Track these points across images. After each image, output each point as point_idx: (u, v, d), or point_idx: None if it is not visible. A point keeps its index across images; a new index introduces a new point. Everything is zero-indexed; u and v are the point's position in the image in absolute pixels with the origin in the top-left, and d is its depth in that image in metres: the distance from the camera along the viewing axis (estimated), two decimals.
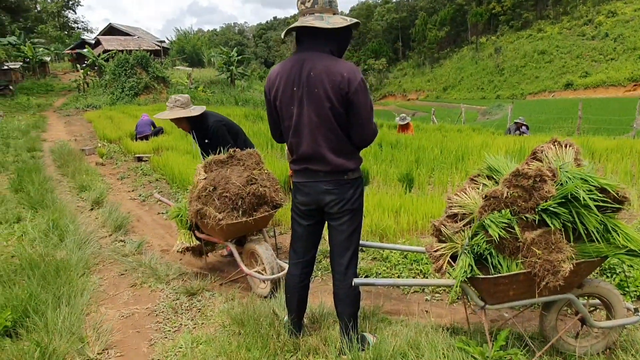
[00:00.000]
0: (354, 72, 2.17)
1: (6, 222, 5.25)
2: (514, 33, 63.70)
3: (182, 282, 3.79)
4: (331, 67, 2.16)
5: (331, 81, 2.14)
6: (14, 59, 32.35)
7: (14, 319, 2.91)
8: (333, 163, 2.27)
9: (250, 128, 11.84)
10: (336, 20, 2.17)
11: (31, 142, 11.96)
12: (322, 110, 2.19)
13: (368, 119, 2.25)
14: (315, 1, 2.20)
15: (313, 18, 2.17)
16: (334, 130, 2.24)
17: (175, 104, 4.00)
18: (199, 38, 62.38)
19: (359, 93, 2.17)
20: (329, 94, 2.16)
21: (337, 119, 2.22)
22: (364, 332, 2.66)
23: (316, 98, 2.18)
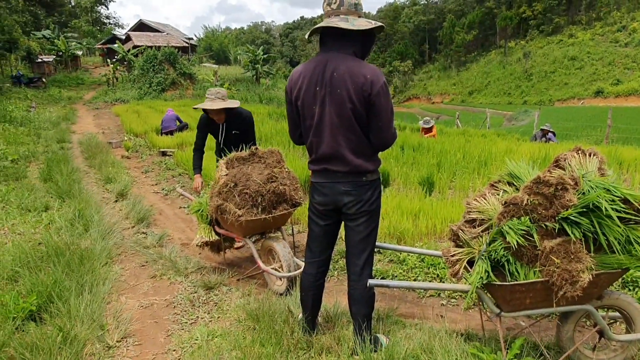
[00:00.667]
0: (377, 75, 2.18)
1: (35, 210, 5.43)
2: (544, 38, 62.40)
3: (201, 275, 3.85)
4: (354, 68, 2.18)
5: (354, 82, 2.16)
6: (47, 52, 33.32)
7: (38, 304, 3.02)
8: (352, 164, 2.28)
9: (273, 126, 11.93)
10: (361, 23, 2.18)
11: (61, 134, 12.31)
12: (343, 110, 2.21)
13: (388, 122, 2.25)
14: (341, 3, 2.21)
15: (338, 19, 2.19)
16: (354, 131, 2.25)
17: (217, 95, 4.16)
18: (227, 36, 63.15)
19: (380, 96, 2.18)
20: (351, 95, 2.17)
21: (358, 120, 2.23)
22: (377, 333, 2.66)
23: (338, 98, 2.20)
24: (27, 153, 9.10)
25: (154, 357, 2.72)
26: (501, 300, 2.26)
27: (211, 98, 4.17)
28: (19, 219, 5.07)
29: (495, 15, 69.39)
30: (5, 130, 11.54)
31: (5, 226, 4.82)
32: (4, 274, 3.48)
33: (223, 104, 4.11)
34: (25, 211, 5.41)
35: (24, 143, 10.40)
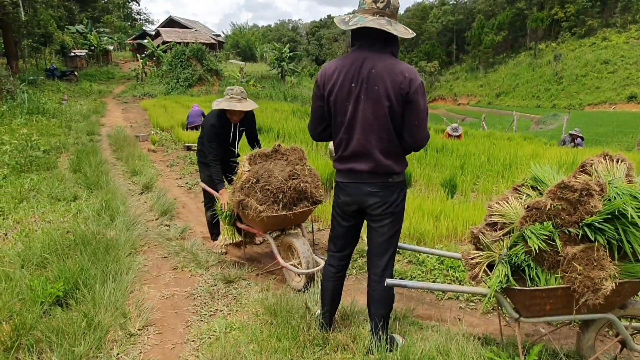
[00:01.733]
0: (415, 73, 2.19)
1: (64, 200, 5.60)
2: (576, 40, 60.82)
3: (221, 269, 3.92)
4: (393, 66, 2.18)
5: (393, 80, 2.15)
6: (80, 46, 34.20)
7: (65, 289, 3.12)
8: (381, 163, 2.27)
9: (297, 124, 11.99)
10: (400, 29, 2.18)
11: (91, 126, 12.63)
12: (379, 108, 2.20)
13: (423, 122, 2.25)
14: (388, 4, 2.19)
15: (385, 22, 2.15)
16: (387, 130, 2.24)
17: (242, 95, 4.02)
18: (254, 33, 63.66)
19: (418, 94, 2.18)
20: (389, 92, 2.16)
21: (393, 118, 2.22)
22: (394, 333, 2.66)
23: (375, 95, 2.19)
24: (58, 144, 9.37)
25: (174, 347, 2.79)
26: (520, 306, 2.23)
27: (237, 98, 3.96)
28: (49, 208, 5.24)
29: (526, 16, 67.96)
30: (38, 122, 11.91)
31: (35, 214, 4.99)
32: (33, 259, 3.61)
33: (250, 105, 4.01)
34: (55, 200, 5.58)
35: (56, 134, 10.72)
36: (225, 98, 3.98)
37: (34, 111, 13.14)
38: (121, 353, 2.66)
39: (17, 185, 5.92)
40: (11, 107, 12.59)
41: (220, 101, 4.00)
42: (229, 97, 3.97)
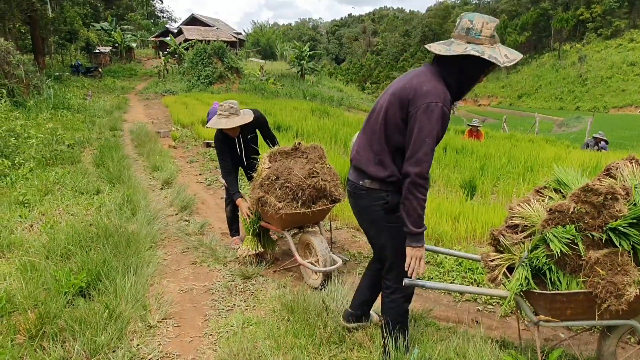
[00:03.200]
0: (430, 93, 2.02)
1: (87, 193, 5.72)
2: (601, 42, 59.45)
3: (239, 265, 3.96)
4: (416, 79, 2.10)
5: (405, 89, 2.11)
6: (104, 43, 34.83)
7: (88, 281, 3.20)
8: (359, 159, 2.31)
9: (315, 123, 12.01)
10: (454, 48, 2.03)
11: (113, 122, 12.87)
12: (382, 112, 2.20)
13: (415, 148, 2.02)
14: (456, 26, 2.10)
15: (443, 42, 2.10)
16: (379, 133, 2.21)
17: (230, 111, 3.95)
18: (274, 32, 63.82)
19: (419, 112, 2.02)
20: (397, 99, 2.13)
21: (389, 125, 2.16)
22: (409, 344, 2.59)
23: (385, 100, 2.20)
24: (82, 139, 9.58)
25: (192, 340, 2.83)
26: (540, 309, 2.20)
27: (225, 115, 3.94)
28: (73, 201, 5.36)
29: (550, 16, 66.69)
30: (63, 117, 12.18)
31: (60, 207, 5.11)
32: (58, 251, 3.71)
33: (239, 120, 3.94)
34: (79, 194, 5.71)
35: (80, 129, 10.95)
36: (216, 115, 4.02)
37: (59, 106, 13.43)
38: (141, 344, 2.71)
39: (42, 178, 6.07)
40: (38, 102, 12.88)
41: (212, 119, 4.05)
42: (218, 114, 3.99)
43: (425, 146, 2.00)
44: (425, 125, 2.00)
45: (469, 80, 2.14)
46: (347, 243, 4.55)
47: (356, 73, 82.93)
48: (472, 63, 2.05)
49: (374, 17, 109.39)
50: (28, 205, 5.14)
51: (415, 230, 2.09)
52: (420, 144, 2.01)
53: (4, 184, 5.90)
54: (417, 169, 2.01)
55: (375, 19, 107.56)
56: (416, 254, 2.15)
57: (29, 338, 2.60)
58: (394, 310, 2.42)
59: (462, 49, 2.00)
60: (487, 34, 2.01)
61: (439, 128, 2.03)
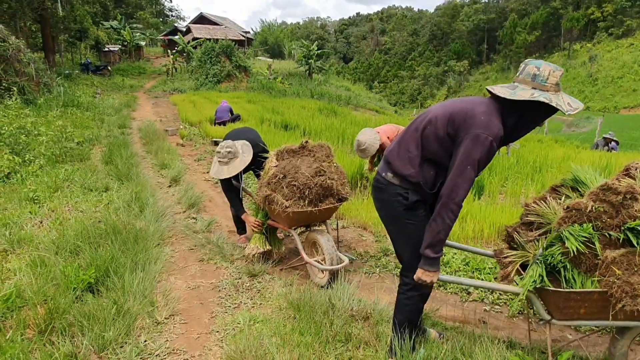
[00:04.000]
0: (484, 122, 2.03)
1: (96, 190, 5.77)
2: (612, 41, 58.86)
3: (245, 263, 3.97)
4: (477, 107, 2.10)
5: (461, 110, 2.11)
6: (114, 42, 35.06)
7: (96, 277, 3.23)
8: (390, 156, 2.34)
9: (323, 122, 12.01)
10: (520, 94, 2.03)
11: (122, 120, 12.95)
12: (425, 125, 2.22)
13: (456, 173, 2.06)
14: (521, 71, 2.10)
15: (507, 86, 2.11)
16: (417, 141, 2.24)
17: (229, 156, 3.94)
18: (282, 30, 63.90)
19: (468, 139, 2.04)
20: (447, 115, 2.14)
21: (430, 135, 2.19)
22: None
23: (437, 113, 2.21)
24: (91, 136, 9.65)
25: (199, 336, 2.84)
26: (553, 307, 2.18)
27: (225, 162, 3.95)
28: (82, 198, 5.41)
29: (560, 15, 66.13)
30: (72, 114, 12.27)
31: (69, 203, 5.16)
32: (67, 247, 3.74)
33: (240, 164, 3.93)
34: (88, 191, 5.76)
35: (89, 127, 11.02)
36: (215, 161, 4.04)
37: (69, 104, 13.54)
38: (148, 340, 2.73)
39: (52, 175, 6.12)
40: (48, 99, 13.00)
41: (213, 164, 4.08)
42: (217, 160, 4.00)
43: (466, 174, 2.04)
44: (471, 154, 2.03)
45: (527, 124, 2.14)
46: (353, 242, 4.55)
47: (364, 72, 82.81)
48: (535, 108, 2.06)
49: (382, 16, 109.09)
50: (38, 201, 5.20)
51: (431, 254, 2.13)
52: (461, 171, 2.04)
53: (14, 181, 5.96)
54: (453, 194, 2.06)
55: (384, 18, 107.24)
56: (425, 278, 2.17)
57: (39, 333, 2.63)
58: (409, 307, 2.41)
59: (529, 95, 2.00)
60: (553, 82, 2.02)
61: (483, 161, 2.05)
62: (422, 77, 77.19)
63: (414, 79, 78.92)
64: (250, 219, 4.02)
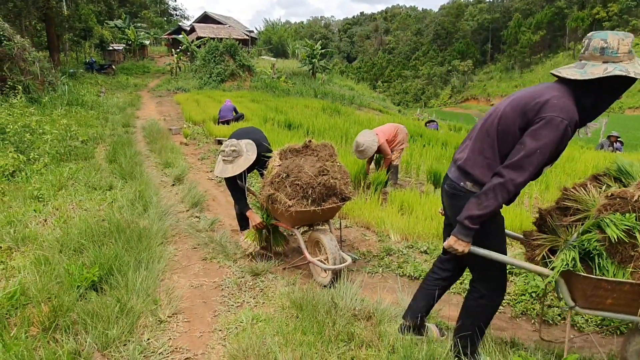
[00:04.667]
0: (557, 105, 1.93)
1: (100, 189, 5.79)
2: None
3: (248, 262, 3.98)
4: (548, 92, 2.00)
5: (532, 98, 2.02)
6: (118, 41, 35.16)
7: (100, 275, 3.24)
8: (464, 161, 2.22)
9: (326, 121, 12.01)
10: (593, 71, 1.93)
11: (126, 118, 12.99)
12: (499, 119, 2.11)
13: (521, 155, 1.96)
14: (587, 47, 2.01)
15: (573, 65, 2.03)
16: (489, 138, 2.13)
17: (233, 155, 3.93)
18: (286, 30, 63.96)
19: (541, 122, 1.93)
20: (517, 106, 2.06)
21: (502, 132, 2.08)
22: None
23: (506, 105, 2.13)
24: (95, 135, 9.68)
25: (201, 335, 2.85)
26: (580, 294, 2.14)
27: (229, 160, 3.95)
28: (86, 196, 5.43)
29: (565, 15, 65.88)
30: (77, 113, 12.32)
31: (73, 201, 5.18)
32: (71, 245, 3.76)
33: (244, 162, 3.93)
34: (92, 189, 5.78)
35: (93, 126, 11.07)
36: (219, 160, 4.05)
37: (73, 103, 13.59)
38: (151, 338, 2.74)
39: (56, 174, 6.15)
40: (52, 98, 13.04)
41: (217, 163, 4.09)
42: (222, 159, 4.01)
43: (534, 157, 1.93)
44: (542, 137, 1.92)
45: (608, 99, 2.02)
46: (356, 241, 4.55)
47: (368, 71, 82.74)
48: (611, 83, 1.95)
49: (386, 15, 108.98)
50: (42, 199, 5.22)
51: (470, 224, 2.06)
52: (529, 153, 1.93)
53: (19, 179, 5.99)
54: (515, 174, 1.95)
55: (388, 17, 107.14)
56: (457, 246, 2.11)
57: (43, 330, 2.65)
58: (479, 313, 2.35)
59: (602, 70, 1.90)
60: (624, 50, 1.92)
61: (555, 146, 1.94)
62: (425, 77, 77.07)
63: (417, 78, 78.82)
64: (254, 217, 4.02)
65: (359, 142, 5.66)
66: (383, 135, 5.91)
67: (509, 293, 3.39)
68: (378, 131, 6.04)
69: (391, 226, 4.65)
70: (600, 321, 3.00)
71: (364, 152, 5.67)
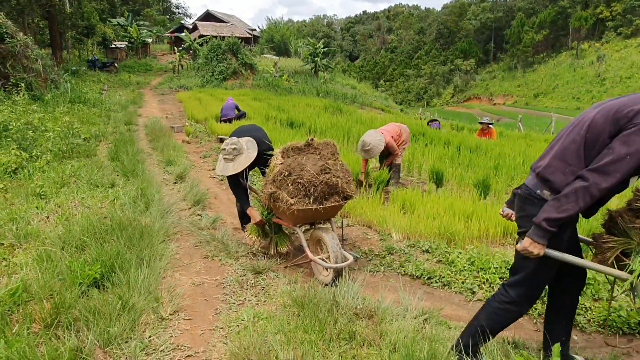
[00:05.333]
0: None
1: (102, 186, 5.79)
2: (621, 41, 58.39)
3: (250, 260, 3.98)
4: (635, 100, 1.92)
5: (625, 105, 1.93)
6: (121, 38, 35.17)
7: (102, 272, 3.25)
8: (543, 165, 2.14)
9: (328, 120, 11.99)
10: None
11: (128, 116, 12.98)
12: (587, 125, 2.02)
13: (609, 160, 1.87)
14: None
15: None
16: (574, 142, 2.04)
17: (234, 153, 3.94)
18: (288, 28, 63.87)
19: (634, 129, 1.84)
20: (609, 113, 1.97)
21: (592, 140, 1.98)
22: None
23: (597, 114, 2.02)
24: (97, 133, 9.68)
25: (203, 333, 2.85)
26: None
27: (230, 158, 3.96)
28: (88, 194, 5.43)
29: (568, 15, 65.67)
30: (79, 111, 12.32)
31: (75, 199, 5.18)
32: (73, 242, 3.76)
33: (245, 160, 3.94)
34: (94, 186, 5.78)
35: (96, 123, 11.06)
36: (220, 159, 4.05)
37: (75, 100, 13.58)
38: (153, 336, 2.74)
39: (59, 171, 6.16)
40: (55, 95, 13.04)
41: (218, 162, 4.09)
42: (223, 158, 4.02)
43: (622, 163, 1.84)
44: (634, 143, 1.83)
45: None
46: (358, 240, 4.55)
47: (370, 70, 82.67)
48: None
49: (388, 14, 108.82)
50: (45, 197, 5.23)
51: (547, 226, 1.98)
52: (618, 158, 1.85)
53: (21, 176, 6.00)
54: (600, 179, 1.87)
55: (390, 16, 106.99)
56: (531, 249, 2.03)
57: (44, 327, 2.65)
58: (500, 316, 2.29)
59: None
60: None
61: None
62: (428, 76, 76.94)
63: (420, 77, 78.69)
64: (254, 214, 4.02)
65: (366, 141, 5.65)
66: (388, 134, 5.92)
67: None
68: (383, 130, 6.05)
69: (393, 225, 4.65)
70: (603, 321, 2.99)
71: (370, 151, 5.66)
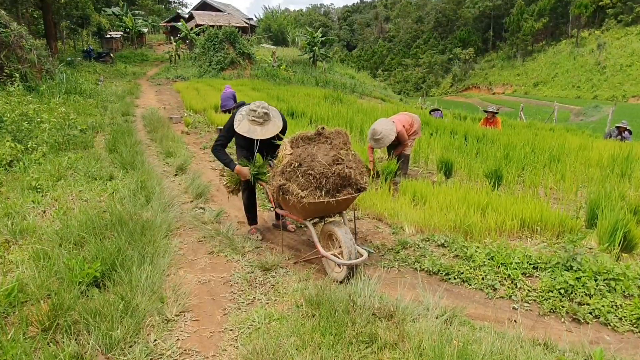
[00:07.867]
0: None
1: (100, 179, 5.58)
2: (622, 28, 57.85)
3: (257, 255, 3.80)
4: None
5: None
6: (116, 28, 34.68)
7: (102, 270, 3.05)
8: None
9: (329, 109, 11.76)
10: None
11: (125, 107, 12.74)
12: None
13: None
14: None
15: None
16: None
17: (264, 117, 3.78)
18: (285, 17, 63.22)
19: None
20: None
21: None
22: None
23: None
24: (94, 124, 9.45)
25: (212, 335, 2.68)
26: None
27: (259, 122, 3.76)
28: (86, 187, 5.23)
29: (568, 2, 65.02)
30: (75, 102, 12.06)
31: (73, 192, 4.98)
32: (71, 238, 3.57)
33: (274, 128, 3.78)
34: (92, 179, 5.57)
35: (92, 114, 10.82)
36: (248, 119, 3.81)
37: (71, 91, 13.31)
38: (158, 339, 2.56)
39: (55, 163, 5.94)
40: (50, 86, 12.76)
41: (241, 120, 3.84)
42: (251, 119, 3.79)
43: None
44: None
45: None
46: (369, 234, 4.36)
47: (368, 60, 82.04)
48: None
49: (386, 2, 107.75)
50: (41, 190, 5.02)
51: None
52: None
53: (16, 169, 5.78)
54: None
55: (388, 5, 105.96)
56: None
57: (42, 330, 2.47)
58: None
59: None
60: None
61: None
62: (426, 65, 76.33)
63: (418, 66, 78.07)
64: (244, 172, 3.93)
65: (377, 129, 5.43)
66: (399, 122, 5.71)
67: (535, 289, 3.21)
68: (394, 119, 5.83)
69: (405, 218, 4.46)
70: (636, 319, 2.82)
71: (380, 140, 5.44)
